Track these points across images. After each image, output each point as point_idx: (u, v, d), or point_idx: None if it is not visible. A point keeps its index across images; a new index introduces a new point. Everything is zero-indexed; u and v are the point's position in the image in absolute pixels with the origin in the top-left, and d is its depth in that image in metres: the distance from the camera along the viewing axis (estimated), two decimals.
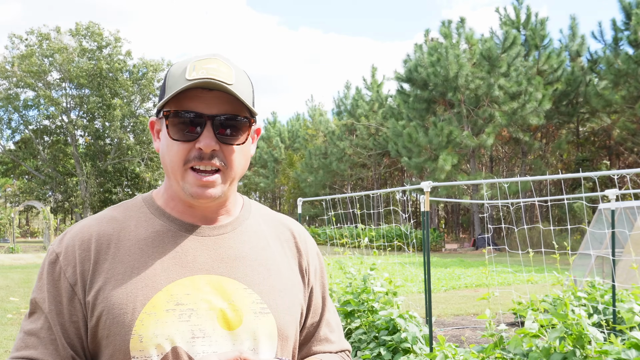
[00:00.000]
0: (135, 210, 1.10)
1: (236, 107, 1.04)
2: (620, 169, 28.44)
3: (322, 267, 1.26)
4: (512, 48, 25.81)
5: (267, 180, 50.45)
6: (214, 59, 1.04)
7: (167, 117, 1.03)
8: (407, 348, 4.48)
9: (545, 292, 6.94)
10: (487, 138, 25.52)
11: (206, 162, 1.01)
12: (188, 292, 1.02)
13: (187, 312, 1.00)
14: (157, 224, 1.08)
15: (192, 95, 1.01)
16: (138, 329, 0.97)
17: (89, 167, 38.50)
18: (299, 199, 6.75)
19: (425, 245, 4.35)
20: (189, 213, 1.09)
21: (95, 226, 1.07)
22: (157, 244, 1.05)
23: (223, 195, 1.06)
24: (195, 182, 1.02)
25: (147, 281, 1.01)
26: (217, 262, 1.06)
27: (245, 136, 1.06)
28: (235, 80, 1.03)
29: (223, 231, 1.10)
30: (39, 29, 38.08)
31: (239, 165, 1.06)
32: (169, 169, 1.05)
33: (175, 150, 1.03)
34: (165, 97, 1.02)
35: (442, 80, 26.72)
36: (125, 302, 0.99)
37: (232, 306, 1.03)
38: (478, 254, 24.25)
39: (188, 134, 1.02)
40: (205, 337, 1.00)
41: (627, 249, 7.45)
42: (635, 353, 3.21)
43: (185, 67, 1.02)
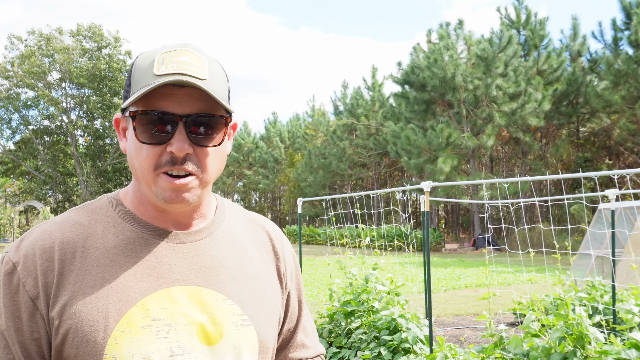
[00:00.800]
0: (101, 214, 0.99)
1: (211, 104, 0.93)
2: (621, 169, 28.45)
3: (298, 270, 1.19)
4: (509, 47, 25.85)
5: (267, 180, 50.46)
6: (185, 51, 0.93)
7: (133, 117, 0.92)
8: (408, 348, 4.48)
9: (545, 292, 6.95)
10: (487, 139, 25.55)
11: (179, 167, 0.92)
12: (165, 305, 0.93)
13: (164, 327, 0.92)
14: (127, 229, 0.97)
15: (161, 93, 0.91)
16: (111, 348, 0.89)
17: (89, 167, 38.52)
18: (299, 199, 6.75)
19: (425, 245, 4.36)
20: (161, 218, 0.99)
21: (57, 232, 0.95)
22: (128, 253, 0.95)
23: (198, 200, 0.96)
24: (168, 187, 0.92)
25: (119, 295, 0.92)
26: (194, 272, 0.98)
27: (221, 136, 0.96)
28: (209, 74, 0.92)
29: (199, 237, 1.01)
30: (40, 29, 38.13)
31: (214, 169, 0.97)
32: (139, 173, 0.94)
33: (144, 154, 0.92)
34: (132, 94, 0.92)
35: (440, 81, 26.76)
36: (96, 319, 0.89)
37: (212, 319, 0.96)
38: (478, 254, 24.26)
39: (158, 136, 0.91)
40: (185, 354, 0.92)
41: (627, 249, 7.46)
42: (636, 353, 3.22)
43: (153, 59, 0.92)
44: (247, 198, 59.33)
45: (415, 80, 28.66)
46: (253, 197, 59.79)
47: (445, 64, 26.03)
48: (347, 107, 38.99)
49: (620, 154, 29.21)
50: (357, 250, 7.68)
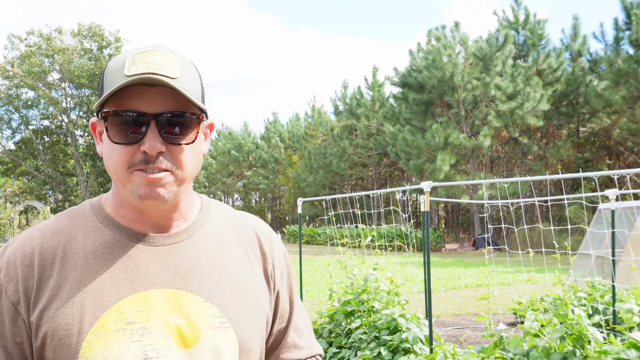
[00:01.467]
0: (83, 219, 1.00)
1: (183, 103, 0.94)
2: (620, 169, 28.45)
3: (290, 269, 1.18)
4: (506, 46, 25.90)
5: (267, 180, 50.47)
6: (155, 51, 0.94)
7: (105, 118, 0.92)
8: (408, 348, 4.48)
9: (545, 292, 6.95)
10: (484, 139, 25.59)
11: (152, 165, 0.92)
12: (140, 309, 0.93)
13: (138, 331, 0.92)
14: (106, 234, 0.98)
15: (133, 93, 0.91)
16: (85, 351, 0.89)
17: (89, 167, 38.54)
18: (299, 199, 6.75)
19: (425, 245, 4.36)
20: (140, 221, 0.99)
21: (38, 238, 0.97)
22: (105, 257, 0.96)
23: (174, 198, 0.96)
24: (142, 182, 0.92)
25: (95, 299, 0.92)
26: (171, 275, 0.97)
27: (194, 134, 0.96)
28: (180, 73, 0.93)
29: (178, 239, 1.01)
30: (40, 29, 38.14)
31: (189, 166, 0.96)
32: (114, 174, 0.95)
33: (117, 154, 0.93)
34: (103, 96, 0.92)
35: (438, 81, 26.79)
36: (71, 323, 0.90)
37: (189, 322, 0.95)
38: (478, 254, 24.27)
39: (131, 135, 0.92)
40: (160, 357, 0.92)
41: (627, 249, 7.46)
42: (635, 353, 3.22)
43: (124, 61, 0.92)
44: (247, 198, 59.34)
45: (414, 82, 28.72)
46: (253, 197, 59.80)
47: (443, 64, 26.06)
48: (347, 107, 39.01)
49: (620, 154, 29.21)
50: (357, 250, 7.68)
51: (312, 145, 41.42)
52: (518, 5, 28.09)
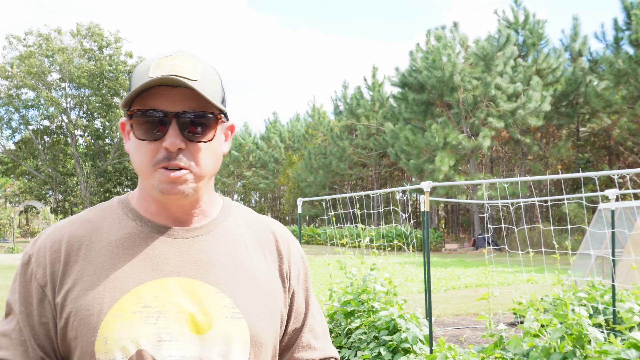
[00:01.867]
0: (110, 212, 1.08)
1: (202, 103, 1.01)
2: (620, 169, 28.45)
3: (307, 272, 1.22)
4: (507, 46, 25.89)
5: (267, 180, 50.47)
6: (178, 55, 1.01)
7: (131, 116, 1.00)
8: (407, 348, 4.48)
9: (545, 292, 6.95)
10: (483, 140, 25.58)
11: (173, 162, 0.99)
12: (157, 294, 0.99)
13: (154, 314, 0.98)
14: (130, 225, 1.06)
15: (156, 93, 0.99)
16: (103, 330, 0.96)
17: (89, 167, 38.53)
18: (299, 199, 6.75)
19: (425, 245, 4.36)
20: (162, 214, 1.06)
21: (67, 228, 1.06)
22: (127, 246, 1.03)
23: (194, 194, 1.03)
24: (164, 179, 0.99)
25: (115, 283, 0.99)
26: (188, 265, 1.03)
27: (212, 133, 1.03)
28: (201, 76, 1.00)
29: (197, 233, 1.07)
30: (39, 29, 38.11)
31: (207, 163, 1.03)
32: (139, 169, 1.03)
33: (143, 150, 1.00)
34: (128, 95, 1.01)
35: (438, 81, 26.78)
36: (92, 304, 0.97)
37: (203, 310, 1.00)
38: (478, 254, 24.27)
39: (154, 133, 0.99)
40: (173, 340, 0.97)
41: (627, 249, 7.46)
42: (635, 353, 3.21)
43: (149, 65, 1.00)
44: (247, 198, 59.34)
45: (414, 82, 28.71)
46: (253, 197, 59.81)
47: (443, 64, 26.05)
48: (347, 106, 39.00)
49: (620, 154, 29.21)
50: (357, 251, 7.68)
51: (312, 145, 41.42)
52: (518, 6, 28.11)
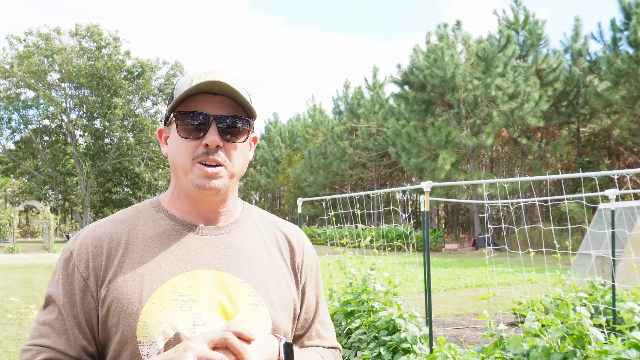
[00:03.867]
0: (143, 212, 1.21)
1: (237, 110, 1.16)
2: (620, 169, 28.44)
3: (318, 269, 1.36)
4: (508, 47, 25.88)
5: (268, 178, 50.48)
6: (217, 71, 1.18)
7: (176, 117, 1.15)
8: (407, 348, 4.48)
9: (545, 292, 6.94)
10: (487, 138, 25.55)
11: (211, 157, 1.13)
12: (190, 284, 1.12)
13: (189, 302, 1.10)
14: (163, 224, 1.19)
15: (198, 99, 1.14)
16: (144, 316, 1.07)
17: (89, 166, 38.52)
18: (299, 199, 6.74)
19: (425, 245, 4.35)
20: (193, 213, 1.19)
21: (106, 226, 1.18)
22: (162, 242, 1.16)
23: (225, 190, 1.16)
24: (201, 174, 1.13)
25: (153, 274, 1.11)
26: (216, 259, 1.16)
27: (245, 137, 1.18)
28: (236, 87, 1.14)
29: (223, 231, 1.20)
30: (38, 29, 38.09)
31: (239, 163, 1.18)
32: (178, 165, 1.16)
33: (184, 147, 1.14)
34: (174, 99, 1.15)
35: (439, 81, 26.77)
36: (133, 293, 1.09)
37: (230, 298, 1.13)
38: (478, 254, 24.26)
39: (196, 132, 1.14)
40: (205, 325, 1.09)
41: (627, 249, 7.45)
42: (636, 353, 3.21)
43: (192, 77, 1.16)
44: (248, 198, 59.35)
45: (415, 81, 28.68)
46: (253, 197, 59.81)
47: (445, 64, 26.04)
48: (348, 106, 38.99)
49: (620, 154, 29.21)
50: (357, 250, 7.68)
51: (312, 145, 41.40)
52: (518, 6, 28.10)
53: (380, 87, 37.82)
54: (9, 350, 6.19)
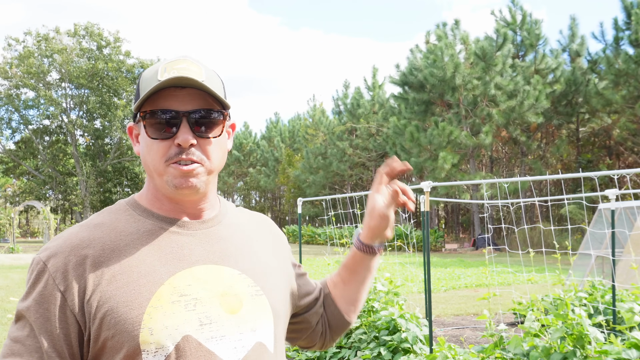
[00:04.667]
0: (121, 214, 1.12)
1: (209, 102, 1.08)
2: (620, 169, 28.43)
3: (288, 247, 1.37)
4: (505, 45, 25.90)
5: (268, 179, 50.47)
6: (184, 60, 1.08)
7: (144, 117, 1.06)
8: (407, 348, 4.48)
9: (545, 292, 6.94)
10: (486, 137, 25.55)
11: (185, 157, 1.05)
12: (189, 283, 1.06)
13: (191, 301, 1.04)
14: (147, 223, 1.10)
15: (166, 95, 1.06)
16: (147, 322, 1.00)
17: (89, 167, 38.51)
18: (299, 199, 6.74)
19: (425, 245, 4.35)
20: (175, 210, 1.12)
21: (83, 232, 1.07)
22: (151, 242, 1.08)
23: (204, 187, 1.10)
24: (177, 174, 1.06)
25: (148, 277, 1.04)
26: (210, 253, 1.11)
27: (220, 129, 1.10)
28: (206, 77, 1.07)
29: (210, 224, 1.15)
30: (37, 29, 38.08)
31: (216, 157, 1.10)
32: (151, 167, 1.08)
33: (155, 148, 1.06)
34: (140, 98, 1.06)
35: (439, 81, 26.76)
36: (130, 299, 1.01)
37: (231, 291, 1.09)
38: (478, 254, 24.26)
39: (166, 132, 1.06)
40: (212, 322, 1.05)
41: (627, 249, 7.45)
42: (636, 353, 3.21)
43: (157, 69, 1.07)
44: (248, 198, 59.33)
45: (414, 81, 28.67)
46: (253, 197, 59.79)
47: (444, 64, 26.03)
48: (347, 107, 38.98)
49: (620, 154, 29.20)
50: None
51: (312, 146, 41.39)
52: (515, 6, 28.12)
53: (379, 87, 37.82)
54: None
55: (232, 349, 1.05)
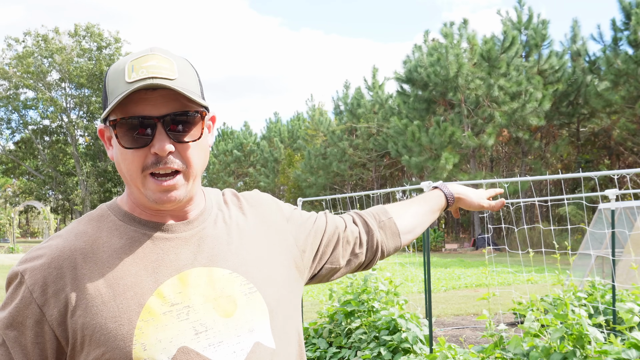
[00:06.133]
0: (103, 221, 1.05)
1: (184, 102, 0.99)
2: (620, 169, 28.44)
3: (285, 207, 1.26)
4: (511, 48, 25.87)
5: (268, 179, 50.46)
6: (152, 55, 0.98)
7: (114, 126, 0.97)
8: (408, 348, 4.48)
9: (545, 292, 6.94)
10: (488, 138, 25.55)
11: (164, 166, 0.97)
12: (179, 290, 1.00)
13: (183, 310, 0.99)
14: (130, 230, 1.04)
15: (136, 99, 0.96)
16: (139, 338, 0.95)
17: (89, 167, 38.51)
18: (299, 199, 6.74)
19: (425, 245, 4.36)
20: (159, 214, 1.05)
21: (64, 242, 1.01)
22: (134, 250, 1.01)
23: (188, 195, 1.03)
24: (156, 189, 0.98)
25: (135, 289, 0.98)
26: (198, 255, 1.05)
27: (199, 130, 1.02)
28: (179, 74, 0.98)
29: (196, 225, 1.08)
30: (37, 30, 38.08)
31: (197, 162, 1.02)
32: (128, 178, 1.01)
33: (130, 158, 0.98)
34: (108, 104, 0.97)
35: (442, 80, 26.75)
36: (118, 315, 0.95)
37: (224, 293, 1.03)
38: (478, 254, 24.26)
39: (140, 139, 0.97)
40: (208, 330, 0.99)
41: (627, 249, 7.46)
42: (636, 353, 3.22)
43: (124, 68, 0.97)
44: None
45: (418, 79, 28.63)
46: None
47: (448, 63, 26.00)
48: (347, 107, 38.98)
49: (620, 154, 29.20)
50: None
51: (312, 146, 41.39)
52: (521, 6, 28.08)
53: (380, 87, 37.82)
54: None
55: (232, 354, 1.00)
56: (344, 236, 1.29)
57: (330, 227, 1.28)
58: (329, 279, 1.31)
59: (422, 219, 1.43)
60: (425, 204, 1.45)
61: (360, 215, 1.36)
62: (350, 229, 1.31)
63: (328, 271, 1.28)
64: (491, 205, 1.55)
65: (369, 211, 1.38)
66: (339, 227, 1.29)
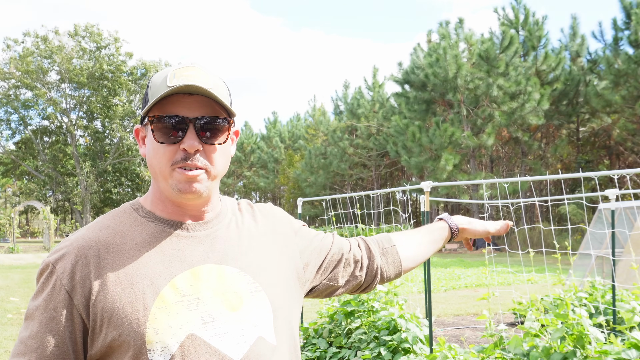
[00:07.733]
0: (126, 217, 1.17)
1: (215, 109, 1.13)
2: (620, 169, 28.42)
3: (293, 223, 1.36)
4: (510, 47, 25.87)
5: (267, 180, 50.48)
6: (192, 67, 1.12)
7: (152, 122, 1.11)
8: (408, 348, 4.48)
9: (545, 292, 6.94)
10: (488, 138, 25.54)
11: (191, 162, 1.10)
12: (191, 283, 1.10)
13: (194, 301, 1.09)
14: (150, 226, 1.15)
15: (174, 101, 1.10)
16: (152, 323, 1.05)
17: (89, 167, 38.51)
18: (299, 199, 6.74)
19: None
20: (178, 213, 1.17)
21: (89, 234, 1.12)
22: (154, 245, 1.13)
23: (207, 192, 1.14)
24: (181, 179, 1.10)
25: (151, 279, 1.09)
26: (210, 253, 1.15)
27: (225, 136, 1.15)
28: (213, 84, 1.11)
29: (211, 226, 1.19)
30: (36, 30, 38.08)
31: (220, 163, 1.15)
32: (157, 170, 1.12)
33: (161, 152, 1.11)
34: (149, 103, 1.10)
35: (441, 80, 26.75)
36: (135, 301, 1.06)
37: (231, 289, 1.13)
38: (478, 254, 24.25)
39: (172, 137, 1.10)
40: (215, 321, 1.09)
41: (627, 249, 7.45)
42: (636, 353, 3.21)
43: (166, 75, 1.11)
44: (248, 198, 59.28)
45: (416, 80, 28.66)
46: (253, 197, 59.79)
47: (447, 63, 26.01)
48: (347, 107, 38.99)
49: (620, 153, 29.20)
50: None
51: (312, 146, 41.39)
52: (518, 4, 28.07)
53: (380, 87, 37.83)
54: (9, 350, 6.19)
55: (235, 345, 1.09)
56: (347, 258, 1.39)
57: (336, 247, 1.38)
58: (328, 296, 1.40)
59: (424, 248, 1.51)
60: (429, 235, 1.53)
61: (365, 241, 1.46)
62: (353, 252, 1.41)
63: (326, 287, 1.37)
64: (497, 230, 1.63)
65: (374, 238, 1.47)
66: (343, 248, 1.39)
